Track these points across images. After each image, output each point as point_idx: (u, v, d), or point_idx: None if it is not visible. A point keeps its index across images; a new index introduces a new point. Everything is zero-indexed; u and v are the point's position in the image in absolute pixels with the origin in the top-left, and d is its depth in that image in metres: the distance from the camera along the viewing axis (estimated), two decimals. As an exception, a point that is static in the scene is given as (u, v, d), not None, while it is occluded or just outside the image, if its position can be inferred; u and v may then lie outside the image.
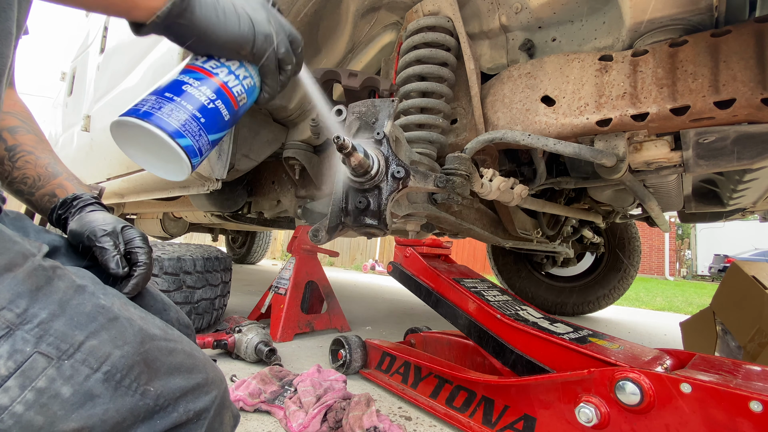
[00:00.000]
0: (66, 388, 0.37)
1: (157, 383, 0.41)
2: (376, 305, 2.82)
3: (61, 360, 0.37)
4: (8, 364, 0.35)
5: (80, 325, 0.39)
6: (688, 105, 0.76)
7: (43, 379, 0.36)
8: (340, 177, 0.73)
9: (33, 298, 0.38)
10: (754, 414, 0.54)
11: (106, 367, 0.39)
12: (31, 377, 0.36)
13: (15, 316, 0.36)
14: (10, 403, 0.34)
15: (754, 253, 12.39)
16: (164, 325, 0.48)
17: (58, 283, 0.41)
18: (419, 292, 1.12)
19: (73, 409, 0.36)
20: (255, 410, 0.93)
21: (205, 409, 0.45)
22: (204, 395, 0.45)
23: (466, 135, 1.06)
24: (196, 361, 0.47)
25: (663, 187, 1.30)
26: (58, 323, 0.38)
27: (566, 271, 2.89)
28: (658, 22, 0.81)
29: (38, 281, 0.40)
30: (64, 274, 0.43)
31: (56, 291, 0.40)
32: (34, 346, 0.36)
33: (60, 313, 0.39)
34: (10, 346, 0.35)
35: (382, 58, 1.23)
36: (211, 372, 0.48)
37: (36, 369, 0.36)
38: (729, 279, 1.32)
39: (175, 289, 1.47)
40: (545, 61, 0.93)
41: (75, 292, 0.42)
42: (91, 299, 0.42)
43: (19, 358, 0.35)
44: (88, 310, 0.41)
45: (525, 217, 1.66)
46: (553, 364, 0.81)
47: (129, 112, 0.46)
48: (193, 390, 0.44)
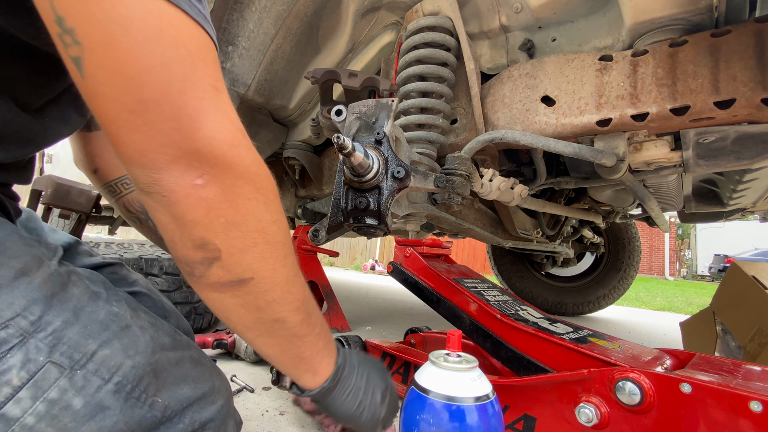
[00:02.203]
0: (77, 400, 0.36)
1: (164, 394, 0.41)
2: (376, 305, 2.82)
3: (74, 370, 0.37)
4: (21, 374, 0.34)
5: (93, 334, 0.39)
6: (688, 105, 0.76)
7: (55, 389, 0.35)
8: (340, 177, 0.73)
9: (48, 304, 0.38)
10: (754, 414, 0.54)
11: (117, 378, 0.38)
12: (43, 388, 0.35)
13: (29, 324, 0.36)
14: (21, 415, 0.34)
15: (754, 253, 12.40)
16: (173, 332, 0.47)
17: (72, 290, 0.41)
18: (419, 292, 1.12)
19: (83, 421, 0.36)
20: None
21: (211, 419, 0.45)
22: (210, 405, 0.45)
23: (466, 135, 1.06)
24: (203, 370, 0.47)
25: (663, 187, 1.30)
26: (71, 331, 0.38)
27: (566, 271, 2.89)
28: (658, 22, 0.81)
29: (53, 287, 0.39)
30: (78, 280, 0.42)
31: (71, 298, 0.40)
32: (47, 355, 0.36)
33: (74, 321, 0.38)
34: (23, 355, 0.35)
35: (382, 58, 1.23)
36: (217, 381, 0.48)
37: (48, 379, 0.35)
38: (729, 279, 1.32)
39: (175, 289, 1.47)
40: (545, 61, 0.93)
41: (89, 299, 0.41)
42: (105, 306, 0.42)
43: (32, 367, 0.35)
44: (101, 318, 0.40)
45: (525, 217, 1.66)
46: (553, 364, 0.81)
47: None
48: (199, 400, 0.44)
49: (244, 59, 1.16)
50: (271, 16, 1.10)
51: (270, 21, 1.11)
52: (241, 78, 1.19)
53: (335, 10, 1.13)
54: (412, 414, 0.51)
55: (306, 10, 1.11)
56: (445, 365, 0.53)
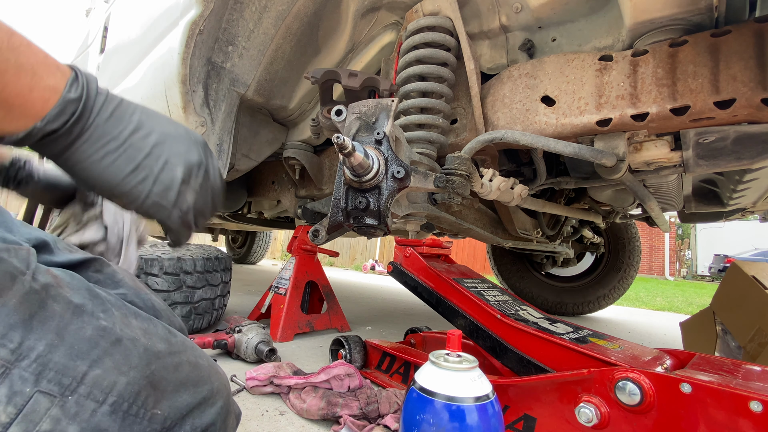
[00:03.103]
0: (73, 428, 0.34)
1: (164, 404, 0.39)
2: (376, 305, 2.82)
3: (65, 397, 0.34)
4: (8, 409, 0.32)
5: (81, 354, 0.36)
6: (688, 105, 0.76)
7: (47, 421, 0.33)
8: (340, 177, 0.73)
9: (27, 328, 0.34)
10: (754, 414, 0.54)
11: (112, 398, 0.36)
12: (34, 421, 0.32)
13: (9, 353, 0.33)
14: None
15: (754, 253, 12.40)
16: (167, 334, 0.45)
17: (53, 306, 0.36)
18: (419, 292, 1.12)
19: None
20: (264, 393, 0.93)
21: (212, 423, 0.44)
22: (210, 407, 0.44)
23: (466, 135, 1.06)
24: (201, 372, 0.45)
25: (663, 187, 1.30)
26: (57, 355, 0.35)
27: (566, 271, 2.89)
28: (658, 22, 0.81)
29: (31, 307, 0.35)
30: (58, 294, 0.37)
31: (52, 316, 0.36)
32: (33, 384, 0.33)
33: (58, 343, 0.35)
34: (8, 388, 0.32)
35: (382, 58, 1.23)
36: (216, 380, 0.46)
37: (39, 411, 0.33)
38: (729, 279, 1.32)
39: (175, 289, 1.47)
40: (545, 61, 0.93)
41: (73, 315, 0.37)
42: (91, 321, 0.38)
43: (19, 401, 0.32)
44: (88, 335, 0.37)
45: (525, 217, 1.66)
46: (553, 364, 0.81)
47: None
48: (199, 405, 0.43)
49: (244, 59, 1.16)
50: (271, 16, 1.10)
51: (270, 21, 1.11)
52: (241, 78, 1.19)
53: (335, 10, 1.13)
54: (412, 414, 0.51)
55: (306, 10, 1.11)
56: (445, 365, 0.53)
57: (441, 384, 0.51)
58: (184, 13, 1.05)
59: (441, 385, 0.51)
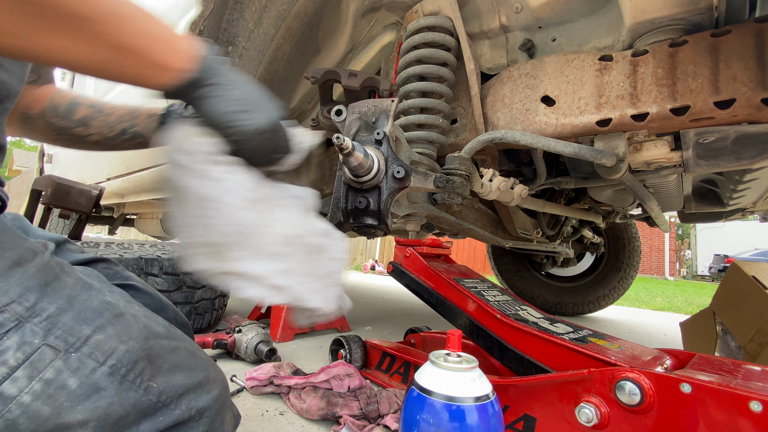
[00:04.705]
0: (73, 380, 0.37)
1: (160, 379, 0.42)
2: (376, 305, 2.82)
3: (69, 352, 0.38)
4: (17, 355, 0.36)
5: (87, 320, 0.40)
6: (688, 105, 0.76)
7: (51, 370, 0.37)
8: (340, 177, 0.73)
9: (42, 292, 0.39)
10: (754, 414, 0.54)
11: (111, 360, 0.39)
12: (38, 368, 0.36)
13: (24, 309, 0.37)
14: (18, 393, 0.35)
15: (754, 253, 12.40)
16: (167, 324, 0.48)
17: (66, 279, 0.42)
18: (419, 292, 1.12)
19: (79, 400, 0.37)
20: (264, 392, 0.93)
21: (207, 407, 0.45)
22: (206, 393, 0.45)
23: (466, 135, 1.06)
24: (197, 360, 0.47)
25: (663, 187, 1.30)
26: (65, 317, 0.39)
27: (566, 271, 2.89)
28: (658, 22, 0.81)
29: (47, 277, 0.40)
30: (71, 271, 0.44)
31: (64, 287, 0.41)
32: (42, 338, 0.37)
33: (68, 308, 0.40)
34: (19, 337, 0.36)
35: (382, 58, 1.23)
36: (213, 371, 0.48)
37: (44, 360, 0.37)
38: (729, 279, 1.32)
39: (175, 289, 1.47)
40: (545, 61, 0.93)
41: (82, 288, 0.42)
42: (98, 296, 0.43)
43: (27, 349, 0.36)
44: (94, 306, 0.42)
45: (525, 217, 1.66)
46: (553, 364, 0.81)
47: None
48: (195, 388, 0.45)
49: (243, 59, 1.16)
50: (271, 16, 1.10)
51: (270, 21, 1.11)
52: (241, 78, 1.18)
53: (335, 10, 1.13)
54: (412, 414, 0.51)
55: (306, 10, 1.11)
56: (445, 365, 0.53)
57: (441, 384, 0.51)
58: (184, 13, 1.05)
59: (441, 385, 0.51)
